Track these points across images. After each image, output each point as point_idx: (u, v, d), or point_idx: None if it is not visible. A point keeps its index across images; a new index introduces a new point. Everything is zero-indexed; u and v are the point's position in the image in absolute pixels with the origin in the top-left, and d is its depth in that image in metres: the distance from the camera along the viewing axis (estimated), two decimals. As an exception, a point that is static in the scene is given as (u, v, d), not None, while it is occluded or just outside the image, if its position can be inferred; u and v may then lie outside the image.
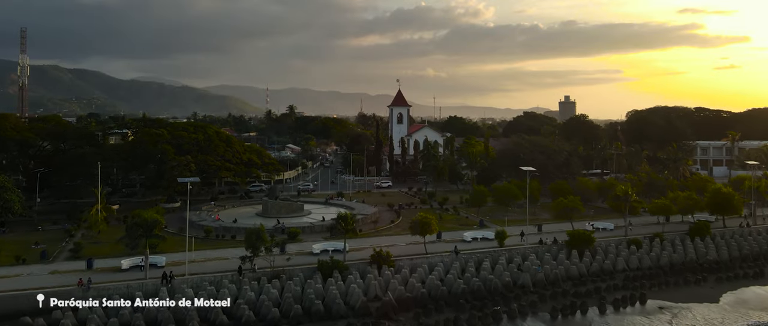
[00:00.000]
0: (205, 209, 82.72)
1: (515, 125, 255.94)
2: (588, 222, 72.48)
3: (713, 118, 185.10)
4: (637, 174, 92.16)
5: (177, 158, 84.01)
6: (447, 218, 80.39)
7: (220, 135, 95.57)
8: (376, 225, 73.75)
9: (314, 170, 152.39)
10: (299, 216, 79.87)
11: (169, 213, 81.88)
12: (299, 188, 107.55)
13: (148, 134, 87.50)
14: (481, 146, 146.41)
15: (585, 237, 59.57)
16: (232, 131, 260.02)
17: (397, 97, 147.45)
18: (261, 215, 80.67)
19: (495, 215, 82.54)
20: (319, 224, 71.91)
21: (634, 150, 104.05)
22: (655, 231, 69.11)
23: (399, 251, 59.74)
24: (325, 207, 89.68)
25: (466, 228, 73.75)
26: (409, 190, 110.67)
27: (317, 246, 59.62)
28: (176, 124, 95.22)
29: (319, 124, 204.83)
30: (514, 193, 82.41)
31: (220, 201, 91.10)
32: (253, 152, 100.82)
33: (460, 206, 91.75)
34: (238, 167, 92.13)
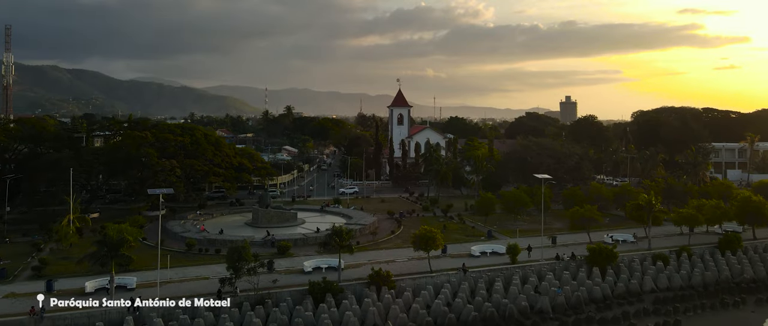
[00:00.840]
0: (191, 218, 76.58)
1: (518, 125, 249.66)
2: (606, 234, 66.41)
3: (721, 118, 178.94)
4: (654, 179, 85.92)
5: (161, 162, 77.91)
6: (452, 228, 74.33)
7: (208, 138, 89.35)
8: (375, 237, 67.58)
9: (311, 173, 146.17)
10: (292, 226, 73.78)
11: (152, 222, 75.91)
12: (294, 195, 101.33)
13: (131, 137, 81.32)
14: (485, 148, 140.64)
15: (607, 253, 53.42)
16: (228, 132, 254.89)
17: (397, 97, 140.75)
18: (251, 224, 74.63)
19: (503, 225, 76.52)
20: (313, 235, 65.76)
21: (649, 153, 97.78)
22: (681, 244, 63.15)
23: (400, 268, 53.71)
24: (320, 215, 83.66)
25: (472, 240, 67.69)
26: (410, 195, 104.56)
27: (309, 263, 53.50)
28: (162, 125, 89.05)
29: (317, 125, 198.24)
30: (524, 200, 76.36)
31: (209, 209, 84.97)
32: (245, 156, 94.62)
33: (465, 213, 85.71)
34: (227, 172, 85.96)
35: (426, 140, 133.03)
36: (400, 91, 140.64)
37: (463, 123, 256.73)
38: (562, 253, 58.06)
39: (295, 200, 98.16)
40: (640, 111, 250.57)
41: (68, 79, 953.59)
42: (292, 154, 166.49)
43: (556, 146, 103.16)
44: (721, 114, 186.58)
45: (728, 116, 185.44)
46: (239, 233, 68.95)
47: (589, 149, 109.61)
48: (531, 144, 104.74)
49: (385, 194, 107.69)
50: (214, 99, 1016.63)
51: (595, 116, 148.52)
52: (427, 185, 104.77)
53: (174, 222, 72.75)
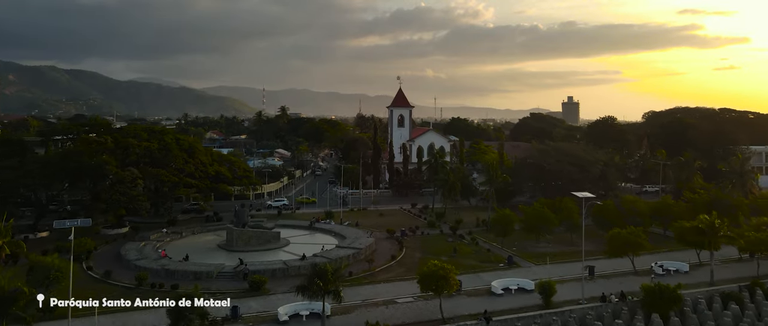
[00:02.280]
0: (154, 239, 64.68)
1: (523, 126, 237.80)
2: (655, 263, 54.47)
3: (740, 119, 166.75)
4: (695, 191, 73.91)
5: (120, 172, 65.98)
6: (464, 252, 62.43)
7: (181, 143, 77.26)
8: (371, 265, 55.56)
9: (303, 179, 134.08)
10: (274, 249, 61.96)
11: (111, 243, 64.01)
12: (280, 207, 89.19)
13: (86, 143, 69.29)
14: (494, 153, 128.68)
15: (669, 295, 41.35)
16: (219, 134, 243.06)
17: (397, 96, 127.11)
18: (224, 247, 62.74)
19: (524, 246, 64.69)
20: (296, 264, 53.82)
21: (683, 160, 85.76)
22: (747, 275, 51.38)
23: (404, 313, 42.12)
24: (309, 234, 71.81)
25: (489, 267, 55.89)
26: (413, 207, 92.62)
27: (286, 310, 41.50)
28: (127, 129, 77.03)
29: (312, 126, 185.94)
30: (549, 218, 64.51)
31: (181, 225, 72.99)
32: (224, 163, 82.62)
33: (477, 230, 73.92)
34: (201, 183, 74.03)
35: (429, 143, 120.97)
36: (401, 90, 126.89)
37: (465, 124, 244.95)
38: (607, 291, 46.16)
39: (282, 212, 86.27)
40: (652, 112, 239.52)
41: (66, 80, 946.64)
42: (284, 158, 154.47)
43: (577, 151, 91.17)
44: (739, 115, 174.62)
45: (746, 116, 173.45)
46: (208, 259, 57.13)
47: (614, 154, 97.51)
48: (549, 149, 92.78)
49: (384, 205, 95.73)
50: (212, 100, 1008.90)
51: (614, 118, 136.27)
52: (432, 194, 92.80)
53: (130, 246, 60.75)
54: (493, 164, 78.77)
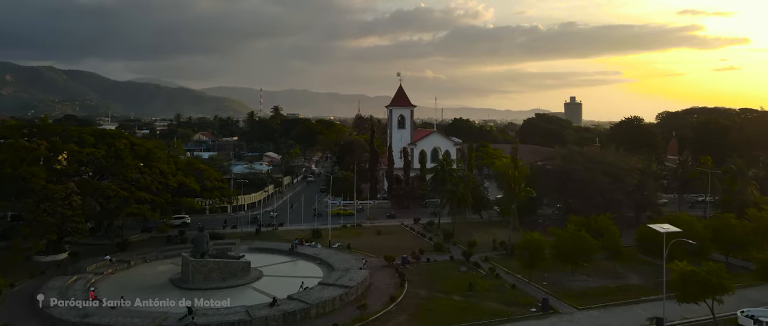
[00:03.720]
0: (91, 270, 51.24)
1: (529, 127, 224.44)
2: (741, 312, 40.93)
3: (759, 119, 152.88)
4: (761, 207, 60.35)
5: (49, 186, 52.51)
6: (482, 287, 48.85)
7: (136, 149, 63.77)
8: (363, 312, 41.95)
9: (293, 187, 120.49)
10: (240, 285, 48.60)
11: (35, 278, 50.55)
12: (259, 225, 75.37)
13: (13, 149, 55.76)
14: (506, 158, 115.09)
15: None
16: (209, 135, 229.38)
17: (397, 95, 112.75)
18: (177, 283, 49.26)
19: (557, 280, 51.41)
20: (263, 314, 40.26)
21: (736, 168, 72.09)
22: None
23: None
24: (289, 260, 58.43)
25: (519, 315, 42.51)
26: (416, 222, 79.17)
27: None
28: (70, 132, 63.39)
29: (304, 128, 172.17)
30: (590, 245, 51.09)
31: (130, 251, 59.35)
32: (192, 173, 69.10)
33: (495, 255, 60.63)
34: (159, 197, 60.46)
35: (433, 147, 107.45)
36: (401, 88, 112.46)
37: (468, 125, 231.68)
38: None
39: (260, 231, 72.74)
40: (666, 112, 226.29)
41: (64, 81, 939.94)
42: (274, 162, 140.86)
43: (609, 157, 77.67)
44: (759, 115, 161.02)
45: (766, 117, 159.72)
46: (153, 300, 43.37)
47: (650, 162, 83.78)
48: (575, 155, 79.31)
49: (382, 221, 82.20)
50: (211, 100, 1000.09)
51: (641, 118, 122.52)
52: (439, 207, 79.28)
53: (55, 282, 47.19)
54: (515, 175, 65.03)
